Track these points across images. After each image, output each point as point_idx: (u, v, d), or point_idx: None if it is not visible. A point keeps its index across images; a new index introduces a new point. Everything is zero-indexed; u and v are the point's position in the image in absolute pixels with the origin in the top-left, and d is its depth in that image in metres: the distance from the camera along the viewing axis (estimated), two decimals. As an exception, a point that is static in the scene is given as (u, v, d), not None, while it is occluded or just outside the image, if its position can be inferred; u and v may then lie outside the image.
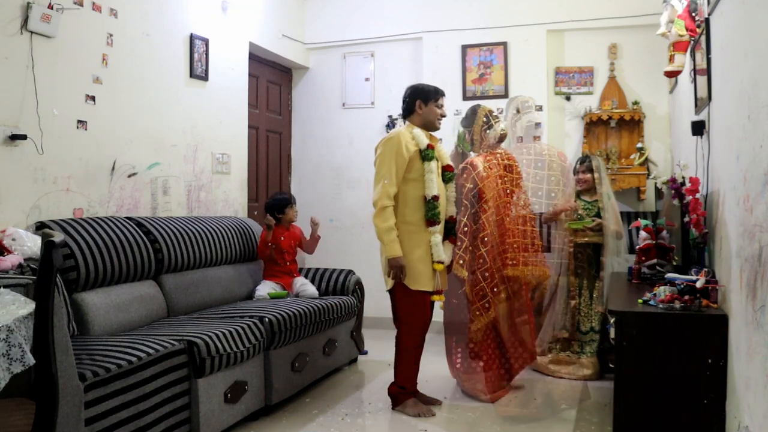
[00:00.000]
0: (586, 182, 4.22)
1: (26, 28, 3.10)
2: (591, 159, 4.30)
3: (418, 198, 3.37)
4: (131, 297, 3.28)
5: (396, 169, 3.32)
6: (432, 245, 3.37)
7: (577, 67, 5.28)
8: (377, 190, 3.34)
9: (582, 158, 4.34)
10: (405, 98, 3.54)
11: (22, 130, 3.07)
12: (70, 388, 2.18)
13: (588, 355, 4.06)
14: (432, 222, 3.37)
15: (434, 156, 3.41)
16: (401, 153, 3.32)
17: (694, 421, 2.56)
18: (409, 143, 3.37)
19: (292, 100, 6.05)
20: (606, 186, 4.21)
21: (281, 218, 4.32)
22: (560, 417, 3.39)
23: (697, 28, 3.24)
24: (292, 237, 4.35)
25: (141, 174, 3.87)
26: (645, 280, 3.57)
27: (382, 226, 3.32)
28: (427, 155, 3.37)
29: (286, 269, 4.28)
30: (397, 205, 3.37)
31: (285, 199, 4.37)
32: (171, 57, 4.15)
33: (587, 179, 4.22)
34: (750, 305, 2.17)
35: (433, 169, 3.37)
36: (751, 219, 2.17)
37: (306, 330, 3.67)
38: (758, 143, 2.08)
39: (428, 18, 5.58)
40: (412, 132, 3.43)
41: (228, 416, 3.06)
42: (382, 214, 3.32)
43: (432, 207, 3.36)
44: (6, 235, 2.85)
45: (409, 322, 3.42)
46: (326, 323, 3.90)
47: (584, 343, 4.09)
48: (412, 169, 3.37)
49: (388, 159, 3.33)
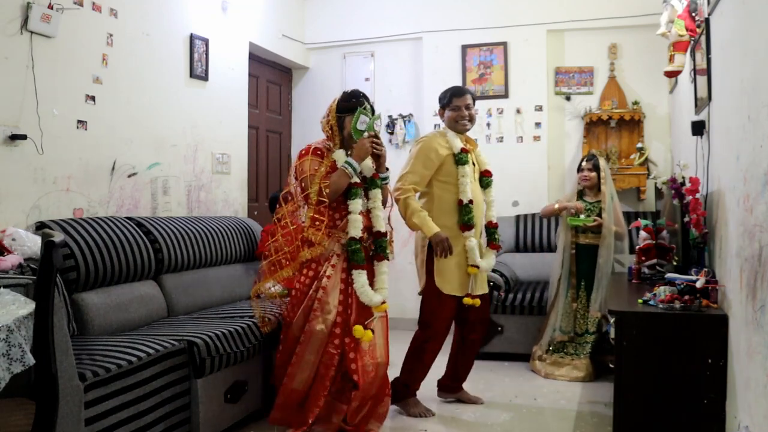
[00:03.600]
0: (590, 180, 4.17)
1: (26, 28, 3.09)
2: (597, 158, 4.28)
3: (453, 202, 3.37)
4: (131, 297, 3.28)
5: (422, 170, 3.33)
6: (468, 249, 3.36)
7: (577, 67, 5.28)
8: (401, 178, 3.35)
9: (589, 156, 4.30)
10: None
11: (22, 130, 3.07)
12: (70, 388, 2.18)
13: (581, 357, 4.05)
14: (467, 227, 3.35)
15: (468, 160, 3.40)
16: (429, 156, 3.34)
17: (694, 421, 2.56)
18: (440, 147, 3.38)
19: (292, 100, 6.05)
20: (610, 186, 4.19)
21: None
22: (560, 417, 3.39)
23: (697, 28, 3.24)
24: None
25: (141, 174, 3.87)
26: (645, 280, 3.57)
27: (416, 206, 3.31)
28: (461, 159, 3.37)
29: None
30: (432, 209, 3.36)
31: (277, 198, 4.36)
32: (171, 57, 4.15)
33: (592, 177, 4.17)
34: (750, 305, 2.17)
35: (467, 173, 3.37)
36: (751, 219, 2.17)
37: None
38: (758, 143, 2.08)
39: (428, 18, 5.58)
40: (446, 136, 3.44)
41: (228, 416, 3.06)
42: (405, 203, 3.30)
43: (467, 211, 3.34)
44: (6, 235, 2.85)
45: (432, 326, 3.39)
46: (326, 323, 3.90)
47: (579, 345, 4.08)
48: (445, 173, 3.37)
49: (416, 159, 3.37)
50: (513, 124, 5.39)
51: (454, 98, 3.46)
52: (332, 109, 3.03)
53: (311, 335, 2.92)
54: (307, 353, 2.92)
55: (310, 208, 2.96)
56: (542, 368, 4.11)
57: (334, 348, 2.92)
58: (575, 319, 4.11)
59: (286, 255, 2.99)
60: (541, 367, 4.12)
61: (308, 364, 2.92)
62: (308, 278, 2.98)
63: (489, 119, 5.42)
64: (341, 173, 2.93)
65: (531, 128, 5.34)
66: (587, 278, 4.10)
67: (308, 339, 2.92)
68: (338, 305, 2.94)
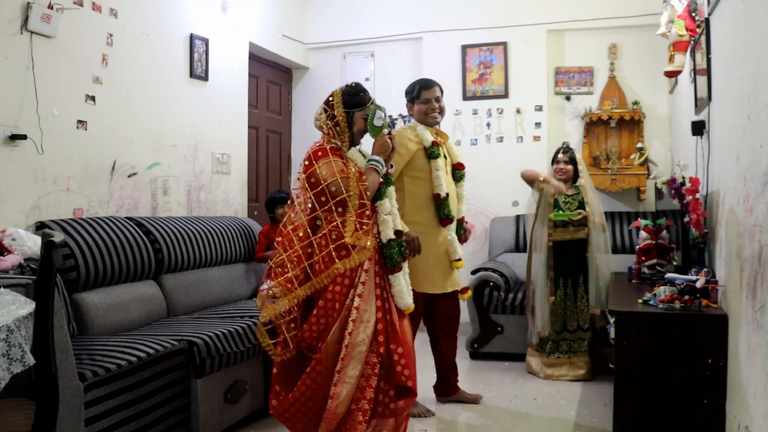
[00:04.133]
0: (567, 173, 4.12)
1: (26, 28, 3.09)
2: (573, 150, 4.23)
3: (425, 197, 3.32)
4: (131, 297, 3.28)
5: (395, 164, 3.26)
6: (448, 243, 3.34)
7: (577, 67, 5.28)
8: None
9: (565, 148, 4.24)
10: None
11: (22, 130, 3.07)
12: (70, 388, 2.18)
13: (579, 354, 4.03)
14: (447, 220, 3.33)
15: (440, 153, 3.35)
16: (398, 151, 3.21)
17: (694, 421, 2.56)
18: (410, 141, 3.34)
19: (292, 100, 6.05)
20: (587, 177, 4.16)
21: (274, 216, 4.33)
22: (560, 417, 3.39)
23: (697, 28, 3.25)
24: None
25: (141, 174, 3.87)
26: (645, 280, 3.57)
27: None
28: (433, 153, 3.32)
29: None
30: (404, 206, 3.26)
31: (274, 199, 4.34)
32: (171, 57, 4.15)
33: (569, 170, 4.13)
34: (750, 305, 2.17)
35: (440, 166, 3.32)
36: (751, 219, 2.17)
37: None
38: (758, 143, 2.08)
39: (428, 18, 5.58)
40: (416, 130, 3.40)
41: (228, 416, 3.06)
42: None
43: (445, 205, 3.31)
44: (6, 235, 2.85)
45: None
46: (326, 323, 3.90)
47: (572, 342, 4.04)
48: (416, 167, 3.33)
49: None
50: (513, 124, 5.39)
51: (423, 91, 3.42)
52: (338, 105, 2.76)
53: (353, 348, 2.58)
54: (350, 368, 2.57)
55: (351, 213, 2.61)
56: (540, 370, 4.08)
57: (375, 357, 2.64)
58: (564, 316, 4.05)
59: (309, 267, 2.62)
60: (539, 369, 4.09)
61: (352, 379, 2.59)
62: (344, 287, 2.62)
63: (489, 119, 5.42)
64: (373, 172, 2.70)
65: (531, 128, 5.34)
66: (572, 275, 4.03)
67: (350, 353, 2.58)
68: (377, 311, 2.67)
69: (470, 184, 5.34)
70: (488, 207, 5.41)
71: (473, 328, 4.52)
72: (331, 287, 2.61)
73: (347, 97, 2.76)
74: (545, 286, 4.02)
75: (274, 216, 4.32)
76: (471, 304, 4.49)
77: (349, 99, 2.76)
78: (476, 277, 4.50)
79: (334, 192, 2.60)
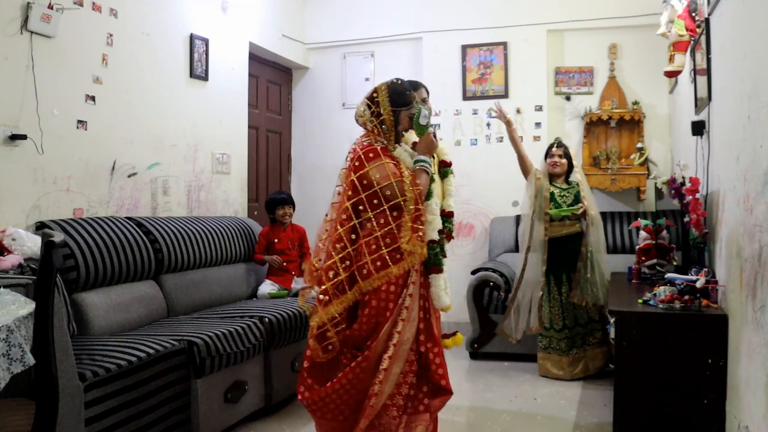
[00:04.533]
0: (561, 166, 4.15)
1: (26, 28, 3.09)
2: (566, 146, 4.25)
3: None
4: (131, 297, 3.28)
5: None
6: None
7: (577, 67, 5.28)
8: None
9: (558, 143, 4.25)
10: None
11: (22, 130, 3.07)
12: (70, 388, 2.18)
13: (595, 345, 4.03)
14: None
15: None
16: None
17: (694, 421, 2.56)
18: None
19: (292, 100, 6.05)
20: (581, 173, 4.20)
21: (274, 217, 4.32)
22: (560, 417, 3.39)
23: (697, 28, 3.25)
24: (289, 238, 4.31)
25: (141, 174, 3.87)
26: (645, 280, 3.57)
27: None
28: None
29: (284, 268, 4.26)
30: None
31: (274, 200, 4.33)
32: (171, 57, 4.15)
33: (563, 164, 4.15)
34: (750, 305, 2.17)
35: None
36: (751, 219, 2.17)
37: (306, 330, 3.65)
38: (758, 143, 2.08)
39: (428, 18, 5.58)
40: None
41: (228, 416, 3.06)
42: None
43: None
44: (6, 235, 2.85)
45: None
46: (326, 323, 3.90)
47: (585, 335, 4.04)
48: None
49: None
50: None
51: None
52: (384, 103, 2.68)
53: (400, 346, 2.58)
54: (395, 366, 2.58)
55: (407, 218, 2.57)
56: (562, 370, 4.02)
57: (414, 354, 2.65)
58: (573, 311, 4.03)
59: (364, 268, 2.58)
60: (561, 371, 4.02)
61: (395, 377, 2.58)
62: (398, 287, 2.59)
63: (489, 119, 5.41)
64: (424, 173, 2.66)
65: (531, 128, 5.34)
66: (571, 269, 4.03)
67: (398, 351, 2.57)
68: (419, 311, 2.67)
69: (470, 184, 5.41)
70: (488, 207, 5.41)
71: (473, 328, 4.53)
72: (385, 287, 2.57)
73: (394, 95, 2.69)
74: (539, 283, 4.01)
75: (275, 217, 4.31)
76: (471, 304, 4.49)
77: (396, 98, 2.69)
78: (476, 277, 4.50)
79: (389, 196, 2.55)
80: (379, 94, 2.70)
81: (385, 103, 2.68)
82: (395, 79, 2.76)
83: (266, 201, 4.44)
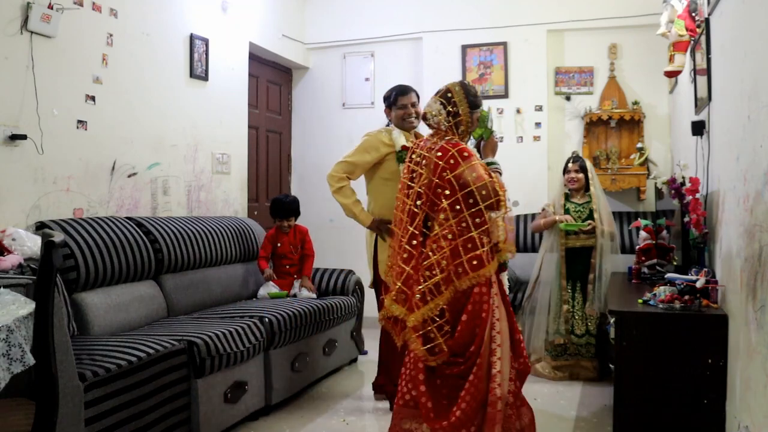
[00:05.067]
0: (578, 181, 4.16)
1: (26, 28, 3.09)
2: (583, 159, 4.27)
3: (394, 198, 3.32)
4: (131, 297, 3.28)
5: (358, 161, 3.42)
6: None
7: (577, 67, 5.28)
8: (334, 166, 3.44)
9: (575, 157, 4.28)
10: None
11: (22, 130, 3.07)
12: (70, 388, 2.18)
13: (587, 358, 4.04)
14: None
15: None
16: (367, 151, 3.42)
17: (694, 421, 2.56)
18: (382, 144, 3.43)
19: (292, 100, 6.05)
20: (599, 187, 4.21)
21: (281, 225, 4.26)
22: (560, 417, 3.39)
23: (697, 28, 3.24)
24: (291, 242, 4.28)
25: (141, 174, 3.87)
26: (645, 280, 3.57)
27: (346, 202, 3.43)
28: (401, 157, 3.35)
29: (285, 271, 4.25)
30: (375, 207, 3.47)
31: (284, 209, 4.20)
32: (171, 57, 4.15)
33: (580, 179, 4.16)
34: (750, 305, 2.17)
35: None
36: (751, 219, 2.17)
37: (306, 330, 3.67)
38: (758, 143, 2.08)
39: (428, 18, 5.58)
40: (391, 133, 3.48)
41: (228, 416, 3.06)
42: (341, 192, 3.43)
43: None
44: (6, 235, 2.85)
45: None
46: (326, 323, 3.90)
47: (580, 346, 4.06)
48: (387, 170, 3.43)
49: (355, 150, 3.46)
50: (513, 124, 5.39)
51: (399, 97, 3.53)
52: (462, 103, 2.68)
53: (504, 344, 2.59)
54: (505, 366, 2.58)
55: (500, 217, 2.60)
56: (545, 369, 4.07)
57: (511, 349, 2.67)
58: (568, 321, 4.06)
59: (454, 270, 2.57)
60: (546, 370, 4.07)
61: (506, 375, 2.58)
62: (486, 287, 2.60)
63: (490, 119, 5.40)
64: (498, 176, 2.73)
65: (531, 128, 5.34)
66: (581, 280, 4.07)
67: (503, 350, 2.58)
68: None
69: (470, 184, 5.39)
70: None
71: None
72: (477, 288, 2.56)
73: (470, 96, 2.72)
74: (558, 292, 4.07)
75: (281, 225, 4.22)
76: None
77: (472, 99, 2.72)
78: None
79: (485, 195, 2.55)
80: (454, 94, 2.70)
81: (463, 103, 2.69)
82: (466, 82, 2.86)
83: (274, 206, 4.26)
